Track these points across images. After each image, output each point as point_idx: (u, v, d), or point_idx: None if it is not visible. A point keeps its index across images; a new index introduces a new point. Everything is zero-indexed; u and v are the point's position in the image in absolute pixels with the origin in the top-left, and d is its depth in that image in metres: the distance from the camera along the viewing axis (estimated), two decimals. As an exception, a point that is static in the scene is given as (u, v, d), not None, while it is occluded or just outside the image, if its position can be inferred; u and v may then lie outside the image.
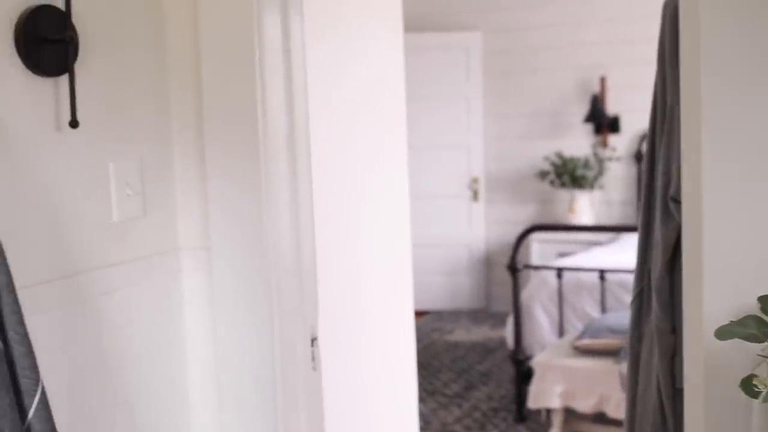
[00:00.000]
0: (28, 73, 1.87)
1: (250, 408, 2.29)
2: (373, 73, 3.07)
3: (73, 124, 1.92)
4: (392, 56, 3.18)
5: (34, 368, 1.74)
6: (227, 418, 2.32)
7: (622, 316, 4.50)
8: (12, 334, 1.72)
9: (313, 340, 2.40)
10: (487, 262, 8.16)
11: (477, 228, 8.15)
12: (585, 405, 4.59)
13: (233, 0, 2.16)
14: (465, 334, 7.37)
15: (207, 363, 2.33)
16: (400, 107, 3.23)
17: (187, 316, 2.35)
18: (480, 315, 7.96)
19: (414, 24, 6.96)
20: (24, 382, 1.73)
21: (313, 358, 2.39)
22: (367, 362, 3.15)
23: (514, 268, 5.22)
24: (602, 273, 5.20)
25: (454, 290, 8.17)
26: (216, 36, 2.19)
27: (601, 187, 7.50)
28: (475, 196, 8.09)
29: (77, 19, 1.96)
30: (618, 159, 7.51)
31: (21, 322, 1.73)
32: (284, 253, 2.27)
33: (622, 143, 7.54)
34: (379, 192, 3.15)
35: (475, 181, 8.07)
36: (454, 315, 7.98)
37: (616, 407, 4.43)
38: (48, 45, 1.88)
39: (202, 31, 2.20)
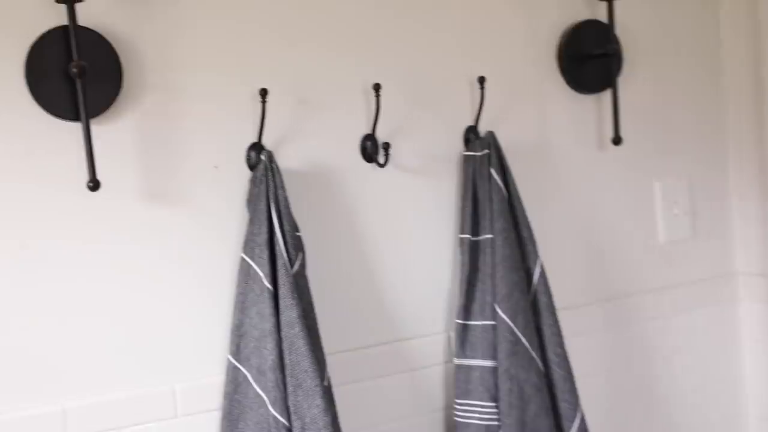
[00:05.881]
0: (569, 91, 1.85)
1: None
2: None
3: (616, 141, 1.85)
4: None
5: (574, 392, 1.70)
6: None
7: None
8: (552, 356, 1.70)
9: None
10: None
11: None
12: None
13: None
14: None
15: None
16: None
17: (745, 350, 2.10)
18: None
19: None
20: (563, 407, 1.70)
21: None
22: None
23: None
24: None
25: None
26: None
27: None
28: None
29: (621, 31, 1.88)
30: None
31: (561, 344, 1.71)
32: None
33: None
34: None
35: None
36: None
37: None
38: (590, 60, 1.84)
39: (765, 35, 1.94)
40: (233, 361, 1.49)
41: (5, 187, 1.36)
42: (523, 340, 1.65)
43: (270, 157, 1.50)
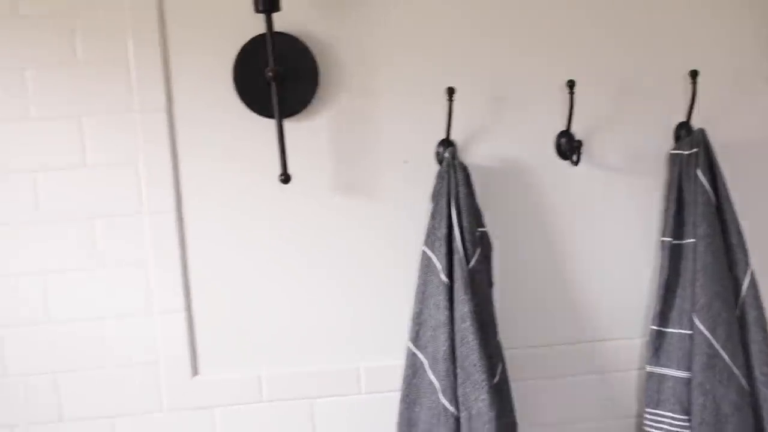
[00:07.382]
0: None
1: None
2: None
3: None
4: None
5: (784, 417, 1.56)
6: None
7: None
8: (758, 375, 1.56)
9: None
10: None
11: None
12: None
13: None
14: None
15: None
16: None
17: None
18: None
19: None
20: (769, 431, 1.56)
21: None
22: None
23: None
24: None
25: None
26: None
27: None
28: None
29: None
30: None
31: (770, 362, 1.57)
32: None
33: None
34: None
35: None
36: None
37: None
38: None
39: None
40: (412, 347, 1.57)
41: (213, 177, 1.55)
42: (723, 353, 1.54)
43: (453, 153, 1.53)
